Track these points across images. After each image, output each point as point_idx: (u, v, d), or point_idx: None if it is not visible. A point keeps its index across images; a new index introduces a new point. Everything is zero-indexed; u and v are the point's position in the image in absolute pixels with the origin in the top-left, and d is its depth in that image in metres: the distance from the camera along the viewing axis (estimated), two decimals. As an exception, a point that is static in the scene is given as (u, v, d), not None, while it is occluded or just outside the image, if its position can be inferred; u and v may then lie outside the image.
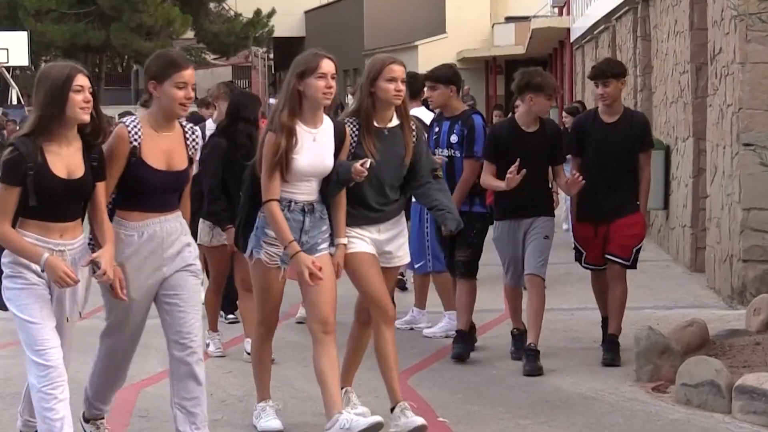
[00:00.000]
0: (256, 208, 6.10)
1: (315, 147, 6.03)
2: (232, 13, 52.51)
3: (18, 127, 25.35)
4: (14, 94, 40.00)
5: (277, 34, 53.58)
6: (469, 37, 46.21)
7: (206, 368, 5.87)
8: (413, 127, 6.43)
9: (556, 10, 37.98)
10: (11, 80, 40.63)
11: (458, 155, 8.15)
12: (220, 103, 9.55)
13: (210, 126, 10.06)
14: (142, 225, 5.60)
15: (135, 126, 5.57)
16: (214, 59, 54.06)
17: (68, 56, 57.71)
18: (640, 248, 8.10)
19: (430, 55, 38.74)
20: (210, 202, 8.18)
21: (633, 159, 8.03)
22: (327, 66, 5.95)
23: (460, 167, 8.13)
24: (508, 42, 43.90)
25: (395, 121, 6.36)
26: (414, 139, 6.39)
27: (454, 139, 8.18)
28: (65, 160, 5.26)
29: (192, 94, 5.61)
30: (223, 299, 8.95)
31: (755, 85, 9.66)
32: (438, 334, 8.92)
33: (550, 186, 8.27)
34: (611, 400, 7.00)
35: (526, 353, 7.72)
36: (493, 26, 47.59)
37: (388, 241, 6.38)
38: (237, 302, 8.87)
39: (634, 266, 8.10)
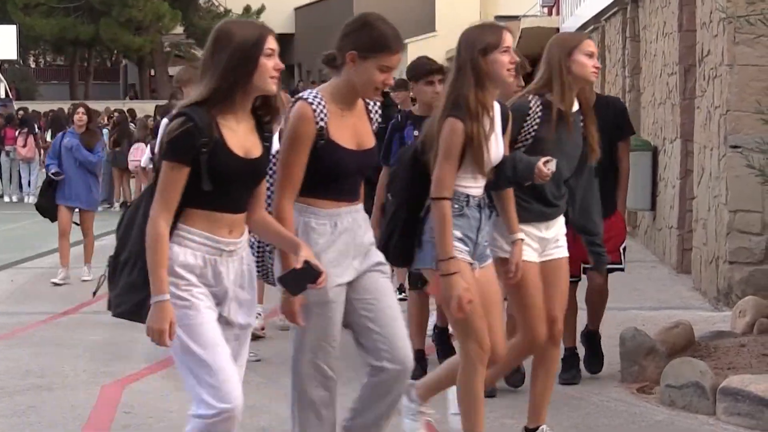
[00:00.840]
0: (418, 211, 5.21)
1: (492, 133, 5.23)
2: (221, 8, 52.55)
3: (5, 121, 25.33)
4: (2, 88, 39.92)
5: (266, 30, 53.53)
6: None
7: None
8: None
9: (546, 9, 38.07)
10: (-1, 74, 40.60)
11: None
12: (191, 88, 7.18)
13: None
14: (335, 214, 4.79)
15: (319, 103, 4.75)
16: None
17: (57, 50, 57.81)
18: (624, 247, 7.68)
19: (419, 53, 38.45)
20: None
21: (612, 151, 7.39)
22: (509, 39, 5.17)
23: None
24: (498, 41, 43.94)
25: (575, 106, 5.63)
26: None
27: None
28: (241, 137, 4.31)
29: (392, 82, 4.84)
30: None
31: (743, 87, 9.68)
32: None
33: None
34: (596, 400, 7.00)
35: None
36: (482, 25, 47.66)
37: (553, 240, 5.64)
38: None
39: (622, 268, 7.65)
